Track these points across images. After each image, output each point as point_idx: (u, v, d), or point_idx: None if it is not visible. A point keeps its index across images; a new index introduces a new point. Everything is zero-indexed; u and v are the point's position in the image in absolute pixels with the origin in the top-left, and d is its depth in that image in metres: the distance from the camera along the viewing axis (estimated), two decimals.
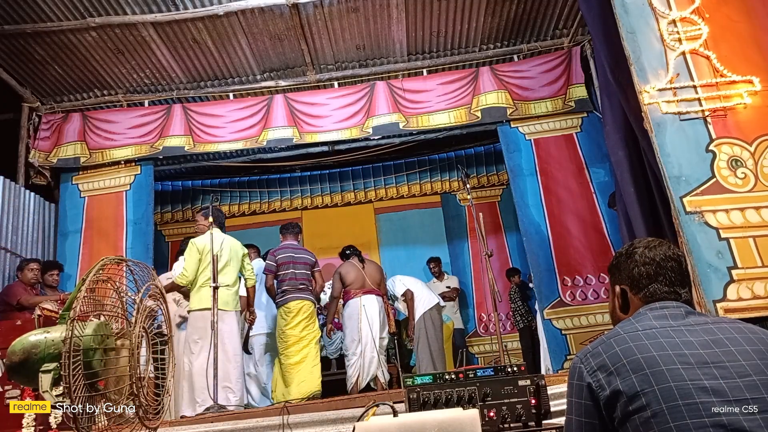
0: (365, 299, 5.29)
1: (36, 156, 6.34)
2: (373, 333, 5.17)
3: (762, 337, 1.28)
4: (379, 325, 5.24)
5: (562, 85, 6.25)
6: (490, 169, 8.03)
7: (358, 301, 5.29)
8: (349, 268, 5.48)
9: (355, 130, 6.33)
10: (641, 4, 3.84)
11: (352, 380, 5.15)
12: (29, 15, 5.49)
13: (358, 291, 5.34)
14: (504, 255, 7.69)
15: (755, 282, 3.22)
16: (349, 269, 5.47)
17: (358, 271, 5.44)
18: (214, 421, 3.58)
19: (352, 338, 5.25)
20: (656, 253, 1.45)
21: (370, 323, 5.19)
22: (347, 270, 5.47)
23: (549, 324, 5.59)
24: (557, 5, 6.03)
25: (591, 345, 1.35)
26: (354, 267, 5.48)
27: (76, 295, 2.01)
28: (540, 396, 2.20)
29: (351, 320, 5.30)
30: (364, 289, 5.36)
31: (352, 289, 5.37)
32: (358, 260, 5.54)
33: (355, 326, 5.23)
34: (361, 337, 5.17)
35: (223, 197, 8.02)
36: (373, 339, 5.16)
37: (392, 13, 5.85)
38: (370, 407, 1.87)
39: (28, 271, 5.15)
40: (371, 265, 5.59)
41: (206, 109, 6.54)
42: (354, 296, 5.33)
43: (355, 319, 5.24)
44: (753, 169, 3.47)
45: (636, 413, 1.19)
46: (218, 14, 5.58)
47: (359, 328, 5.20)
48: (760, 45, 3.76)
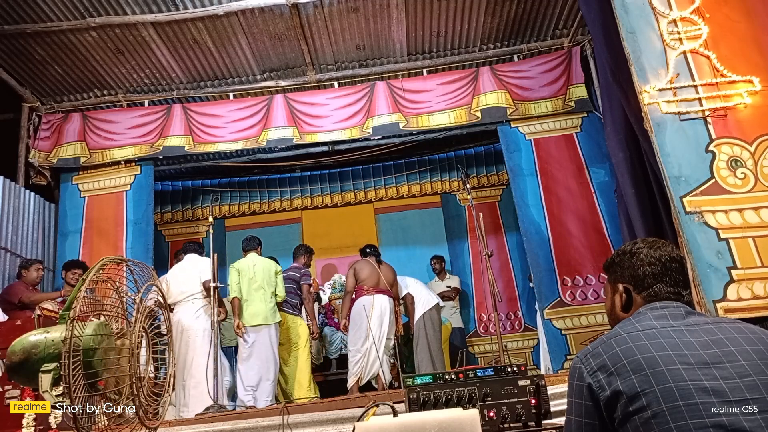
0: (378, 298, 5.27)
1: (36, 156, 6.33)
2: (381, 333, 5.16)
3: (762, 337, 1.28)
4: (388, 325, 5.24)
5: (562, 85, 6.25)
6: (490, 169, 8.02)
7: (371, 300, 5.25)
8: (363, 265, 5.46)
9: (355, 130, 6.33)
10: (641, 4, 3.84)
11: (354, 379, 5.13)
12: (29, 15, 5.48)
13: (371, 289, 5.32)
14: (504, 255, 7.68)
15: (755, 282, 3.22)
16: (364, 266, 5.45)
17: (373, 269, 5.42)
18: (214, 421, 3.59)
19: (359, 335, 5.20)
20: (661, 254, 1.45)
21: (380, 323, 5.18)
22: (362, 266, 5.44)
23: (549, 324, 5.59)
24: (557, 5, 6.03)
25: (591, 345, 1.35)
26: (369, 264, 5.46)
27: (76, 295, 2.01)
28: (540, 396, 2.20)
29: (361, 317, 5.23)
30: (378, 289, 5.33)
31: (366, 286, 5.34)
32: (376, 260, 5.53)
33: (364, 324, 5.19)
34: (368, 336, 5.14)
35: (223, 197, 8.01)
36: (382, 339, 5.15)
37: (392, 13, 5.85)
38: (370, 407, 1.87)
39: (34, 270, 5.16)
40: (387, 267, 5.58)
41: (206, 109, 6.54)
42: (367, 294, 5.29)
43: (365, 317, 5.20)
44: (753, 168, 3.47)
45: (636, 414, 1.19)
46: (218, 14, 5.58)
47: (368, 326, 5.17)
48: (760, 45, 3.76)
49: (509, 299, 7.47)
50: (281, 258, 6.86)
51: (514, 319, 7.44)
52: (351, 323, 5.35)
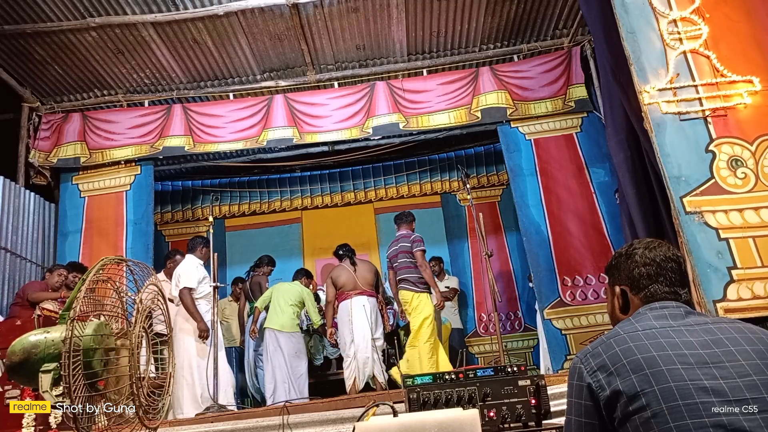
0: (356, 300, 5.30)
1: (36, 156, 6.34)
2: (366, 334, 5.17)
3: (762, 337, 1.28)
4: (372, 325, 5.24)
5: (562, 85, 6.25)
6: (490, 169, 8.03)
7: (349, 303, 5.30)
8: (339, 272, 5.50)
9: (355, 130, 6.33)
10: (641, 4, 3.84)
11: (349, 382, 5.17)
12: (29, 15, 5.48)
13: (350, 293, 5.35)
14: (504, 255, 7.69)
15: (755, 282, 3.22)
16: (340, 273, 5.49)
17: (348, 274, 5.45)
18: (214, 421, 3.59)
19: (345, 340, 5.28)
20: (656, 254, 1.45)
21: (362, 324, 5.19)
22: (338, 274, 5.49)
23: (549, 324, 5.59)
24: (557, 5, 6.03)
25: (591, 345, 1.35)
26: (345, 270, 5.49)
27: (76, 295, 2.01)
28: (540, 396, 2.20)
29: (342, 322, 5.33)
30: (356, 291, 5.36)
31: (344, 291, 5.40)
32: (350, 262, 5.53)
33: (347, 328, 5.25)
34: (353, 339, 5.19)
35: (223, 197, 8.01)
36: (367, 339, 5.16)
37: (392, 13, 5.85)
38: (370, 407, 1.87)
39: (56, 275, 5.20)
40: (364, 266, 5.57)
41: (206, 109, 6.54)
42: (346, 298, 5.36)
43: (347, 321, 5.27)
44: (754, 168, 3.47)
45: (636, 413, 1.19)
46: (218, 14, 5.58)
47: (351, 330, 5.22)
48: (760, 45, 3.76)
49: (509, 299, 7.47)
50: (280, 258, 6.88)
51: (514, 319, 7.44)
52: (338, 330, 5.43)
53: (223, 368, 4.79)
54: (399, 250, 5.39)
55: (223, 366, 4.79)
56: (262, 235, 8.20)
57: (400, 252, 5.37)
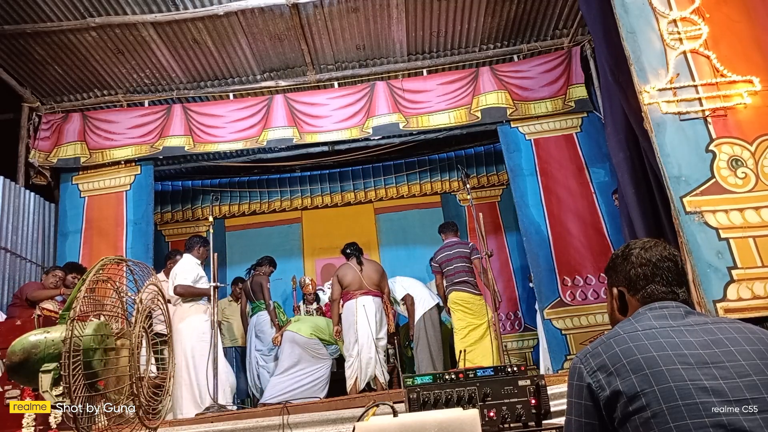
0: (361, 300, 5.30)
1: (36, 156, 6.34)
2: (370, 334, 5.17)
3: (762, 337, 1.28)
4: (376, 325, 5.24)
5: (562, 85, 6.25)
6: (490, 169, 8.03)
7: (354, 303, 5.30)
8: (346, 271, 5.50)
9: (355, 130, 6.33)
10: (641, 4, 3.84)
11: (350, 381, 5.17)
12: (29, 15, 5.48)
13: (355, 292, 5.35)
14: (504, 255, 7.69)
15: (755, 282, 3.22)
16: (346, 272, 5.49)
17: (354, 273, 5.45)
18: (214, 421, 3.59)
19: (349, 339, 5.27)
20: (652, 254, 1.45)
21: (367, 323, 5.19)
22: (344, 273, 5.49)
23: (549, 324, 5.59)
24: (557, 5, 6.03)
25: (591, 345, 1.35)
26: (351, 269, 5.49)
27: (76, 295, 2.01)
28: (540, 396, 2.20)
29: (347, 321, 5.32)
30: (362, 291, 5.36)
31: (350, 290, 5.39)
32: (357, 262, 5.54)
33: (352, 327, 5.24)
34: (357, 338, 5.18)
35: (223, 197, 8.01)
36: (371, 340, 5.16)
37: (392, 13, 5.85)
38: (370, 407, 1.87)
39: (51, 276, 5.21)
40: (370, 266, 5.58)
41: (206, 109, 6.54)
42: (351, 298, 5.35)
43: (352, 321, 5.26)
44: (754, 168, 3.47)
45: (636, 413, 1.19)
46: (218, 14, 5.58)
47: (356, 330, 5.21)
48: (760, 45, 3.75)
49: (509, 299, 7.47)
50: (280, 258, 6.87)
51: (514, 319, 7.44)
52: (342, 329, 5.42)
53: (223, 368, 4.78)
54: (455, 255, 5.67)
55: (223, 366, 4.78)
56: (262, 235, 8.20)
57: (456, 257, 5.66)
